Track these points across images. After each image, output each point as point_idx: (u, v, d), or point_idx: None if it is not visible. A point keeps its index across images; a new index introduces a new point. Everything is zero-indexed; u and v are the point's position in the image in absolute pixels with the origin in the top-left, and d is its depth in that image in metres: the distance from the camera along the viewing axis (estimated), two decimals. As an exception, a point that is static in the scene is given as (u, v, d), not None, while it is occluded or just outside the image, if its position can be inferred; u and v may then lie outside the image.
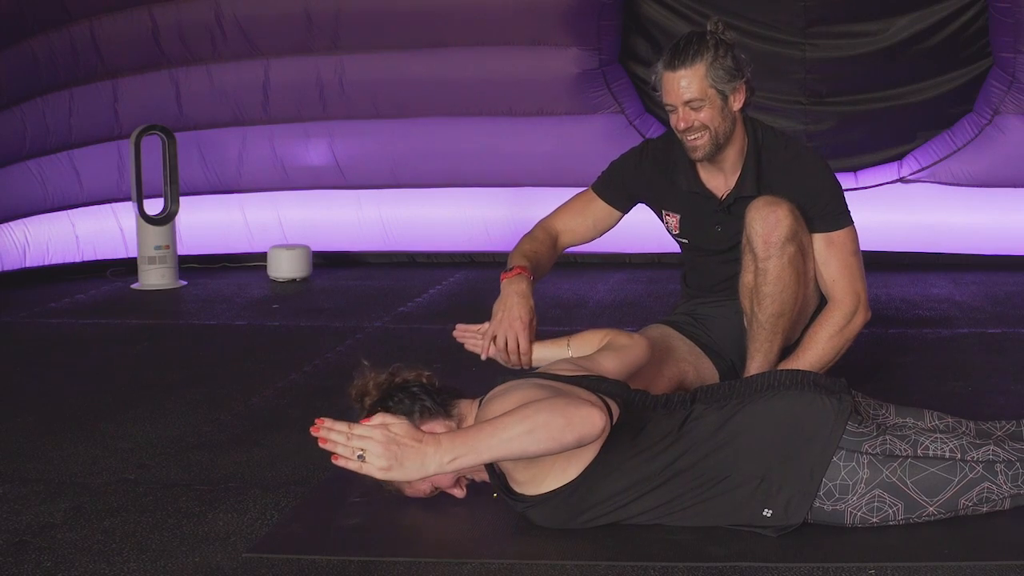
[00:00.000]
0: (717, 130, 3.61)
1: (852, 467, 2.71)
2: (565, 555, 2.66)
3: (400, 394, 2.82)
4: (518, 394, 2.71)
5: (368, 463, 2.45)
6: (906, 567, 2.56)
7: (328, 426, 2.46)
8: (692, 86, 3.57)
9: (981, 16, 6.67)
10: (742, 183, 3.70)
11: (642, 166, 3.89)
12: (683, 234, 3.87)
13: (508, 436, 2.50)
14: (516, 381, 2.84)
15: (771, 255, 3.53)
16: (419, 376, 2.89)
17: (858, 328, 3.69)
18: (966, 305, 5.61)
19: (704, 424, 2.76)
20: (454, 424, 2.83)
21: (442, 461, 2.48)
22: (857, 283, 3.69)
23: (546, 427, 2.50)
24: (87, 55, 6.66)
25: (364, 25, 6.86)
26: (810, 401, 2.76)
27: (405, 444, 2.46)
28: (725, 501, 2.73)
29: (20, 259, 6.54)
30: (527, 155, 6.92)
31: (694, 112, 3.59)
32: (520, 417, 2.52)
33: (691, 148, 3.65)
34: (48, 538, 2.83)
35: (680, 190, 3.80)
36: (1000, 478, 2.73)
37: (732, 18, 6.88)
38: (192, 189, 6.96)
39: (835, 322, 3.65)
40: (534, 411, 2.53)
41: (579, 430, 2.54)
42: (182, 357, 4.86)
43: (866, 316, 3.70)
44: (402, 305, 5.89)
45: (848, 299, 3.66)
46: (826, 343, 3.63)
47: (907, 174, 6.72)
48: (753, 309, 3.61)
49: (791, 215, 3.53)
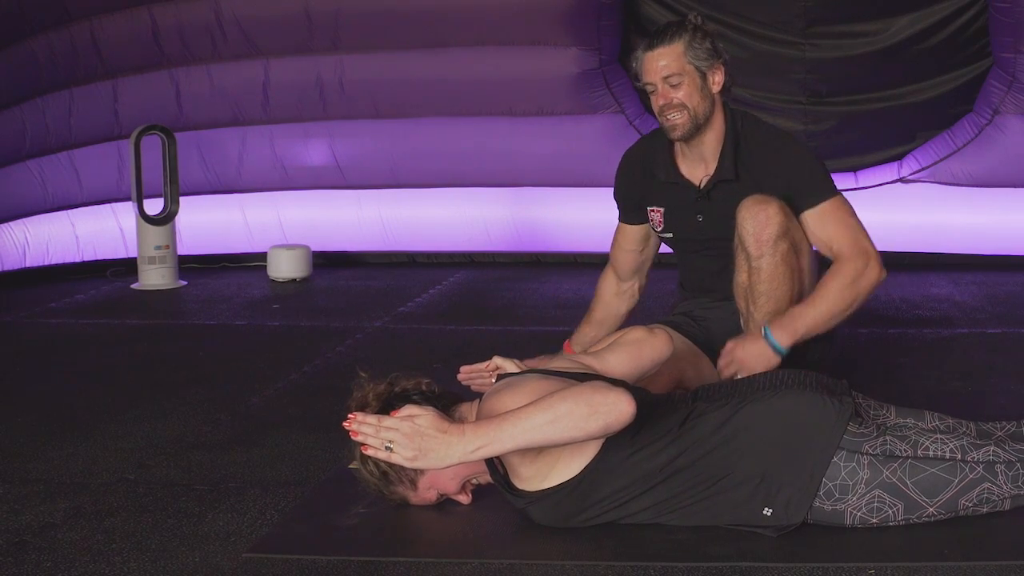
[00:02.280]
0: (696, 109, 3.65)
1: (852, 467, 2.71)
2: (565, 555, 2.66)
3: (400, 404, 2.82)
4: (528, 387, 2.73)
5: (396, 453, 2.56)
6: (906, 567, 2.56)
7: (360, 419, 2.59)
8: (671, 63, 3.63)
9: (981, 16, 6.67)
10: (720, 167, 3.72)
11: (628, 173, 3.98)
12: (667, 228, 3.89)
13: (532, 425, 2.55)
14: (514, 378, 2.84)
15: (764, 253, 3.53)
16: (418, 384, 2.89)
17: (871, 284, 3.57)
18: (966, 305, 5.61)
19: (705, 422, 2.76)
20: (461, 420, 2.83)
21: (466, 450, 2.56)
22: (862, 240, 3.61)
23: (569, 416, 2.55)
24: (87, 55, 6.66)
25: (364, 25, 6.86)
26: (811, 401, 2.76)
27: (430, 435, 2.56)
28: (725, 500, 2.73)
29: (20, 259, 6.54)
30: (527, 155, 6.92)
31: (673, 89, 3.63)
32: (544, 407, 2.56)
33: (670, 127, 3.68)
34: (48, 538, 2.83)
35: (659, 182, 3.84)
36: (1000, 479, 2.73)
37: (732, 18, 6.89)
38: (192, 189, 6.96)
39: (846, 273, 3.55)
40: (558, 400, 2.57)
41: (605, 417, 2.56)
42: (182, 357, 4.86)
43: (880, 273, 3.59)
44: (402, 305, 5.89)
45: (857, 255, 3.58)
46: (836, 294, 3.53)
47: (907, 174, 6.72)
48: (749, 309, 3.60)
49: (781, 212, 3.53)
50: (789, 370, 2.98)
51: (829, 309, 3.53)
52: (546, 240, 7.08)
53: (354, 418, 2.61)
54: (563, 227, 7.04)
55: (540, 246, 7.12)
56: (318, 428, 3.73)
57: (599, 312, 4.07)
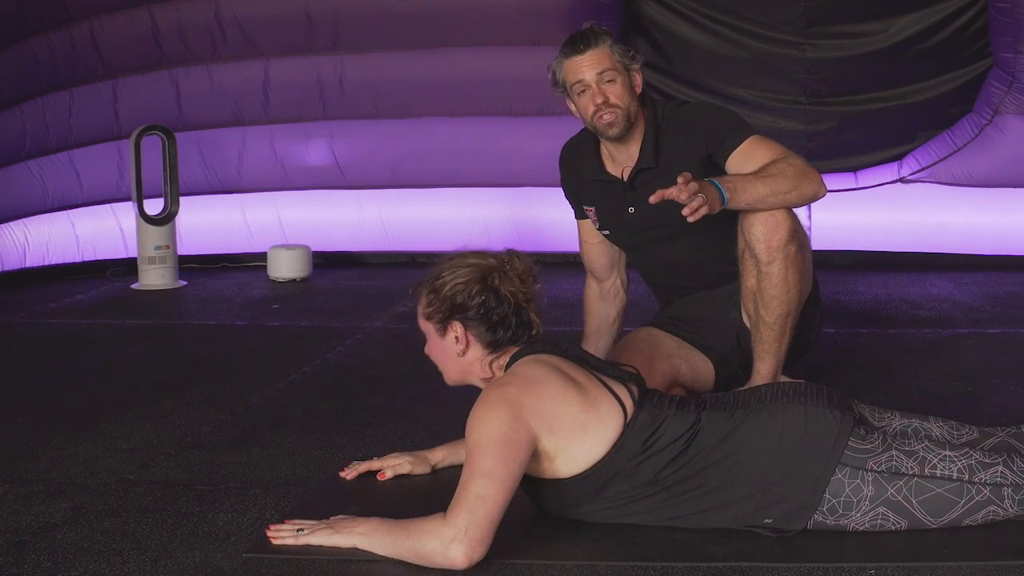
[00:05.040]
0: (628, 107, 3.69)
1: (857, 484, 2.69)
2: (565, 555, 2.66)
3: (472, 314, 2.81)
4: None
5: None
6: (906, 567, 2.56)
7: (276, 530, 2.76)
8: (603, 61, 3.68)
9: (981, 16, 6.67)
10: (641, 157, 3.75)
11: (564, 171, 4.03)
12: (603, 226, 3.92)
13: (387, 538, 2.68)
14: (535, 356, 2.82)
15: (774, 259, 3.52)
16: (513, 295, 2.82)
17: (815, 187, 3.50)
18: (966, 305, 5.61)
19: (710, 433, 2.75)
20: (489, 365, 2.83)
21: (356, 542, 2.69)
22: (793, 157, 3.55)
23: (403, 551, 2.63)
24: (87, 55, 6.66)
25: (364, 25, 6.86)
26: (814, 414, 2.74)
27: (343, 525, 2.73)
28: (726, 509, 2.73)
29: (20, 259, 6.54)
30: (527, 155, 6.92)
31: (609, 86, 3.67)
32: (402, 530, 2.67)
33: (605, 126, 3.71)
34: (48, 538, 2.83)
35: (587, 180, 3.89)
36: (1007, 502, 2.70)
37: (732, 18, 6.90)
38: (192, 189, 6.96)
39: (797, 165, 3.49)
40: (403, 532, 2.66)
41: (433, 562, 2.60)
42: (182, 357, 4.86)
43: (822, 185, 3.54)
44: (402, 305, 5.89)
45: (795, 159, 3.54)
46: (783, 179, 3.45)
47: (907, 174, 6.72)
48: (759, 312, 3.59)
49: (789, 215, 3.54)
50: (793, 382, 2.96)
51: (773, 190, 3.45)
52: (546, 240, 7.07)
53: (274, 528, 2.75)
54: (563, 227, 6.98)
55: (540, 246, 7.10)
56: (318, 428, 3.74)
57: (592, 322, 4.07)
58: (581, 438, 2.72)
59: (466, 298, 2.82)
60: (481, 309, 2.81)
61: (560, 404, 2.71)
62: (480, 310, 2.81)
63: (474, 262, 2.85)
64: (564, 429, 2.71)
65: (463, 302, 2.82)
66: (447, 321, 2.86)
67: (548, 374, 2.76)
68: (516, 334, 2.84)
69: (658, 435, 2.74)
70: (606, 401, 2.75)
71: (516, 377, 2.76)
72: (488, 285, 2.82)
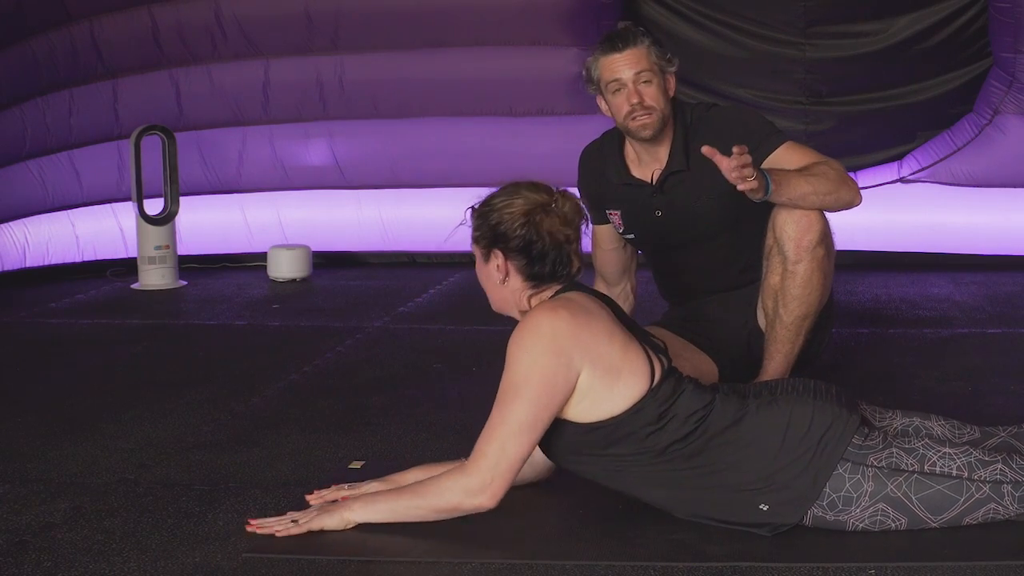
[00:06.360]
0: (663, 110, 3.69)
1: (857, 479, 2.69)
2: (565, 555, 2.66)
3: (512, 245, 2.82)
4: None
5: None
6: (906, 567, 2.56)
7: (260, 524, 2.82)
8: (641, 61, 3.66)
9: (981, 16, 6.67)
10: (671, 160, 3.73)
11: (584, 175, 4.00)
12: (627, 229, 3.90)
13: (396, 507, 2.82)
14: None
15: (802, 259, 3.52)
16: (553, 234, 2.81)
17: (852, 194, 3.56)
18: (966, 305, 5.61)
19: (722, 415, 2.76)
20: (528, 299, 2.83)
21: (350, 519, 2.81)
22: (833, 161, 3.60)
23: (419, 510, 2.80)
24: (87, 55, 6.66)
25: (364, 25, 6.86)
26: (822, 410, 2.75)
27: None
28: (723, 491, 2.73)
29: (20, 259, 6.54)
30: (527, 155, 6.91)
31: (645, 87, 3.66)
32: (411, 493, 2.83)
33: (640, 127, 3.69)
34: (48, 538, 2.83)
35: (613, 184, 3.86)
36: (1007, 500, 2.70)
37: (732, 18, 6.89)
38: (192, 189, 6.96)
39: (840, 169, 3.54)
40: (419, 492, 2.81)
41: (456, 512, 2.74)
42: (182, 357, 4.86)
43: (859, 195, 3.59)
44: (402, 305, 5.89)
45: (835, 163, 3.58)
46: (826, 181, 3.50)
47: (907, 174, 6.72)
48: (778, 310, 3.59)
49: (822, 217, 3.54)
50: (804, 379, 2.96)
51: (816, 190, 3.49)
52: (546, 240, 7.08)
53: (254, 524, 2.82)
54: (563, 227, 7.03)
55: (540, 246, 7.11)
56: (318, 428, 3.74)
57: None
58: (611, 385, 2.71)
59: (508, 229, 2.83)
60: (521, 242, 2.82)
61: (605, 343, 2.72)
62: (520, 243, 2.82)
63: (525, 194, 2.86)
64: (601, 369, 2.71)
65: (505, 232, 2.84)
66: (490, 248, 2.88)
67: (599, 309, 2.79)
68: (555, 270, 2.84)
69: (675, 408, 2.74)
70: (640, 357, 2.76)
71: (569, 303, 2.76)
72: (531, 220, 2.82)
